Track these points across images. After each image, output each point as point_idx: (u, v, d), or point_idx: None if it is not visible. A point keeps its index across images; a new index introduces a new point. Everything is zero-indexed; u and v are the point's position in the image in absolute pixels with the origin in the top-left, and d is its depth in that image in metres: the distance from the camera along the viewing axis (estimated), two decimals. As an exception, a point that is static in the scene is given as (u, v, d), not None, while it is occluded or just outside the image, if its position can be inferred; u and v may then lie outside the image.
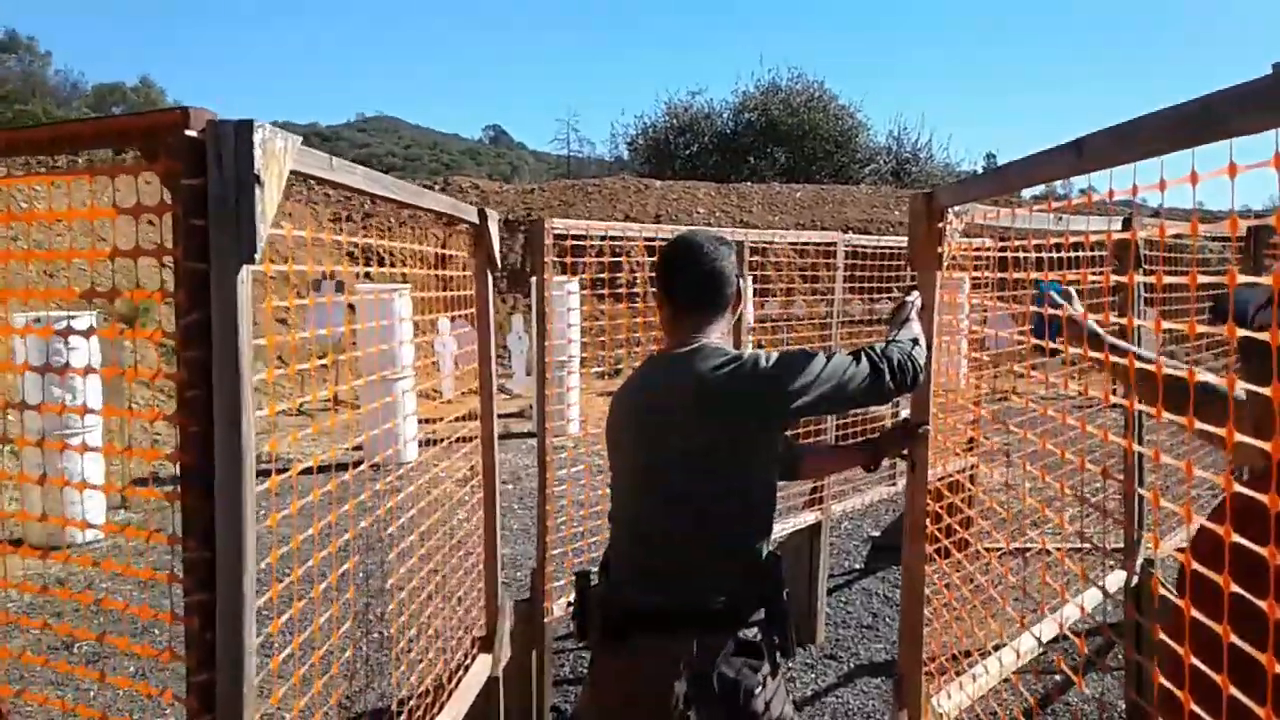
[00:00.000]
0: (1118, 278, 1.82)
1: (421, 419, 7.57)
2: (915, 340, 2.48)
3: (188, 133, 1.46)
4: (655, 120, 39.10)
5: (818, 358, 2.28)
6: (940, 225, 2.54)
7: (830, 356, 2.31)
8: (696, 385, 2.27)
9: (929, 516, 2.75)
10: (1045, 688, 4.71)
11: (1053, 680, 4.76)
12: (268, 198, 1.51)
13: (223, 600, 1.51)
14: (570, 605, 2.60)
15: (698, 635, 2.22)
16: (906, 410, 2.79)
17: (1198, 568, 1.25)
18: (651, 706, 2.21)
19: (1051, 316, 2.23)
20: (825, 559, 5.73)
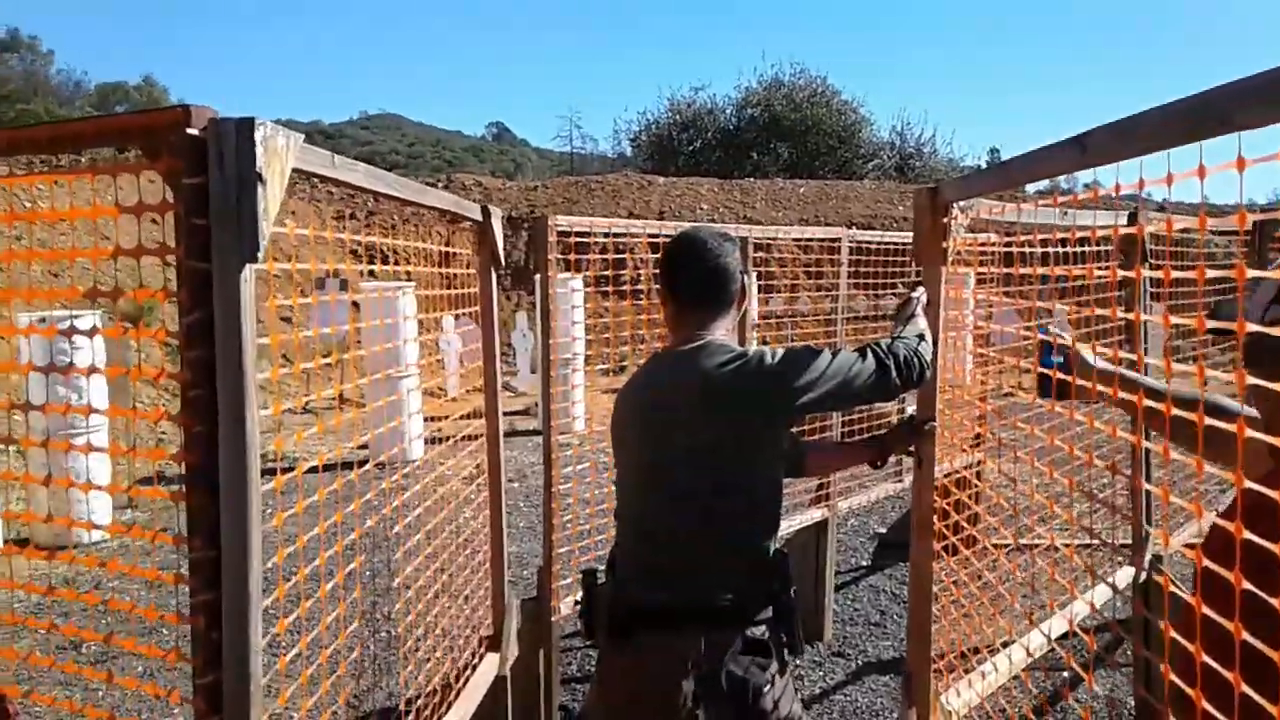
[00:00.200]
0: (1124, 273, 1.81)
1: (426, 417, 7.57)
2: (921, 336, 2.47)
3: (189, 131, 1.45)
4: (658, 116, 39.13)
5: (823, 354, 2.27)
6: (945, 220, 2.53)
7: (835, 353, 2.30)
8: (702, 382, 2.26)
9: (936, 513, 2.74)
10: (1054, 685, 4.70)
11: (1061, 677, 4.75)
12: (270, 196, 1.50)
13: (228, 600, 1.50)
14: (577, 604, 2.59)
15: (705, 633, 2.21)
16: (912, 407, 2.78)
17: (1210, 565, 1.24)
18: (658, 704, 2.20)
19: (1047, 348, 2.21)
20: (832, 556, 5.72)
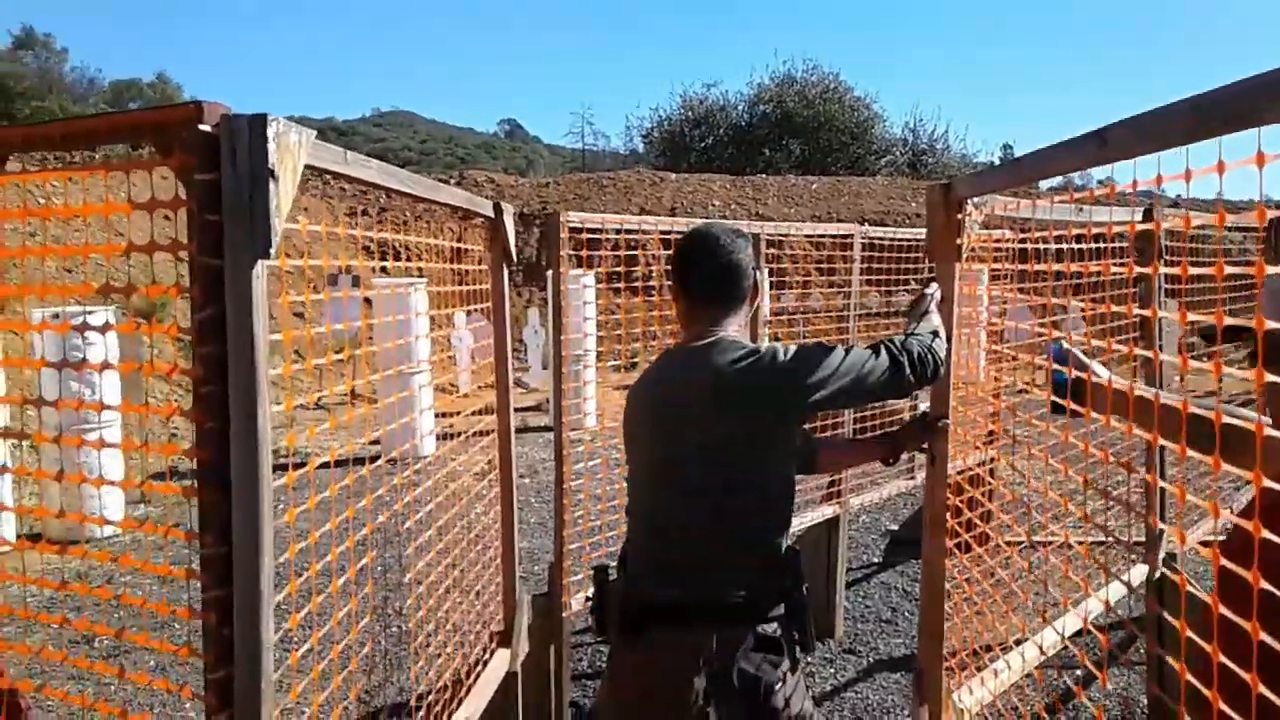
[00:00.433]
0: (1141, 269, 1.79)
1: (438, 413, 7.58)
2: (935, 333, 2.46)
3: (202, 128, 1.45)
4: (670, 113, 39.13)
5: (836, 351, 2.26)
6: (959, 216, 2.51)
7: (849, 350, 2.29)
8: (714, 379, 2.25)
9: (949, 510, 2.72)
10: (1067, 682, 4.68)
11: (1075, 674, 4.73)
12: (282, 192, 1.50)
13: (240, 596, 1.50)
14: (588, 600, 2.59)
15: (717, 630, 2.21)
16: (925, 404, 2.77)
17: (1230, 566, 1.23)
18: (670, 701, 2.20)
19: (1066, 367, 2.18)
20: (844, 553, 5.71)
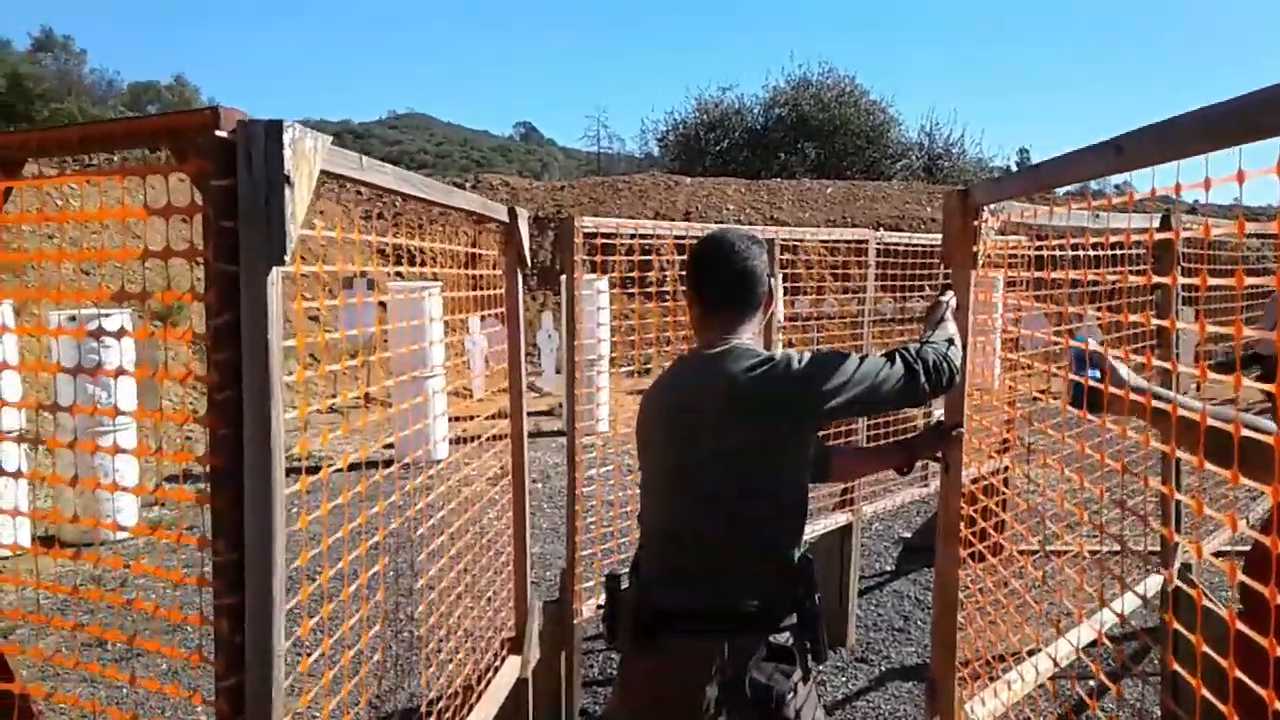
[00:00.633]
0: (1159, 278, 1.78)
1: (452, 417, 7.58)
2: (950, 340, 2.45)
3: (218, 133, 1.45)
4: (685, 116, 39.11)
5: (851, 359, 2.25)
6: (975, 223, 2.50)
7: (863, 358, 2.28)
8: (728, 386, 2.24)
9: (963, 519, 2.71)
10: (1080, 693, 4.65)
11: (1088, 686, 4.70)
12: (298, 198, 1.50)
13: (252, 603, 1.50)
14: (600, 607, 2.58)
15: (729, 638, 2.20)
16: (939, 412, 2.75)
17: (1246, 580, 1.21)
18: (682, 709, 2.19)
19: (1082, 360, 2.16)
20: (856, 561, 5.69)
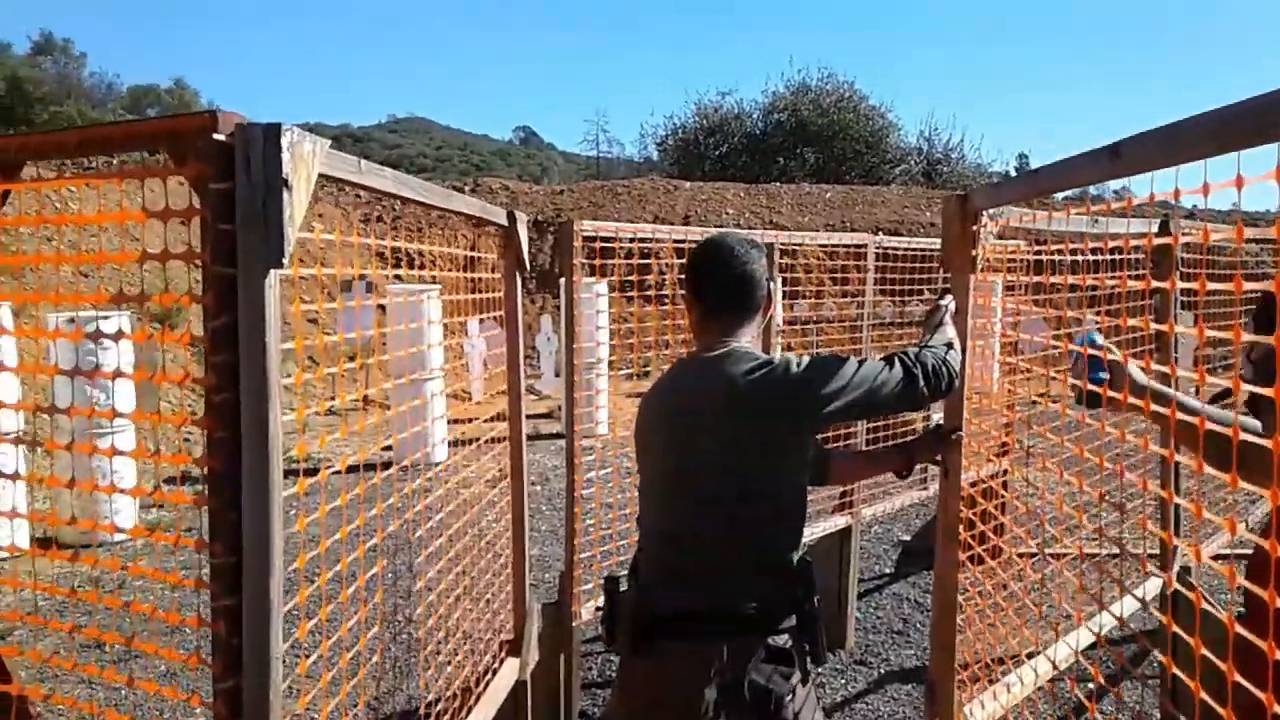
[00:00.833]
0: (1158, 283, 1.78)
1: (451, 420, 7.58)
2: (949, 345, 2.45)
3: (216, 136, 1.45)
4: (685, 121, 39.04)
5: (849, 362, 2.26)
6: (974, 228, 2.50)
7: (862, 361, 2.29)
8: (727, 389, 2.25)
9: (962, 522, 2.71)
10: (1079, 696, 4.64)
11: (1087, 688, 4.69)
12: (296, 201, 1.50)
13: (249, 606, 1.50)
14: (599, 609, 2.58)
15: (728, 640, 2.20)
16: (939, 415, 2.75)
17: (1246, 584, 1.21)
18: (681, 711, 2.19)
19: (1094, 361, 2.16)
20: (855, 563, 5.69)
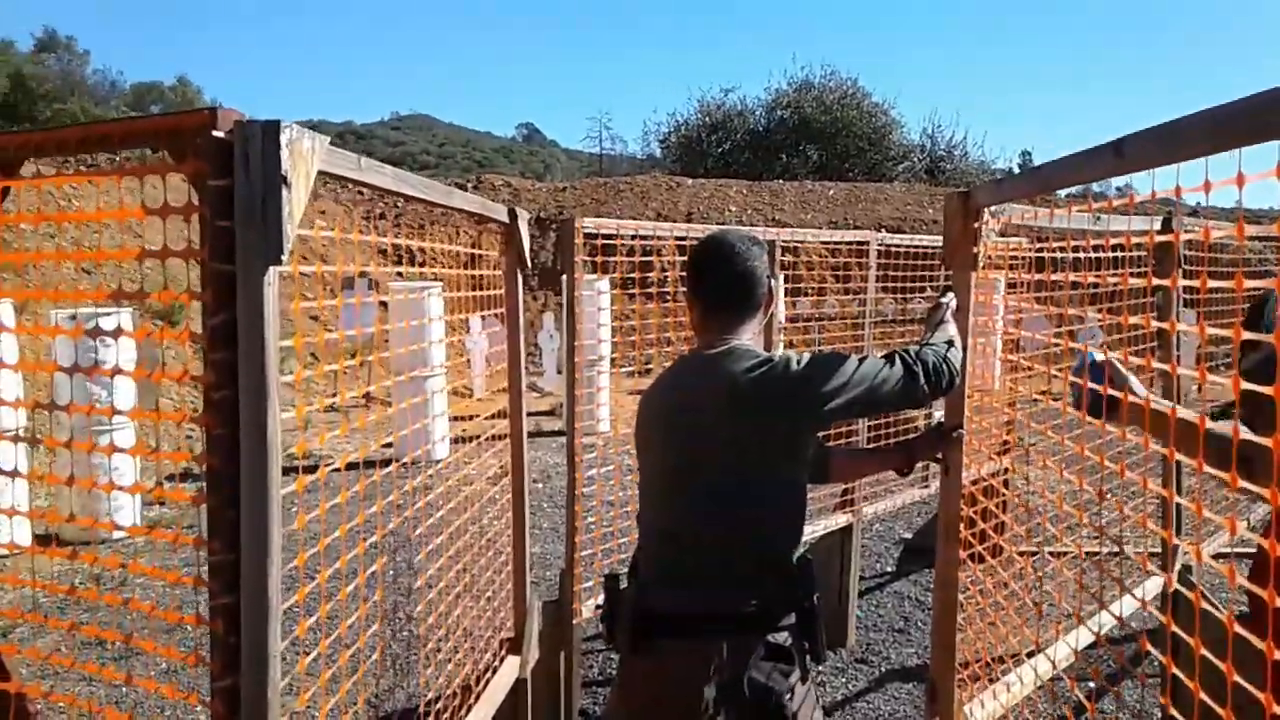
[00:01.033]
0: (1159, 281, 1.78)
1: (453, 417, 7.57)
2: (950, 342, 2.44)
3: (215, 133, 1.45)
4: (687, 118, 38.99)
5: (850, 360, 2.25)
6: (976, 225, 2.50)
7: (863, 359, 2.28)
8: (728, 386, 2.24)
9: (962, 521, 2.71)
10: (1080, 695, 4.64)
11: (1088, 687, 4.69)
12: (295, 199, 1.50)
13: (247, 604, 1.50)
14: (599, 607, 2.58)
15: (727, 638, 2.20)
16: (940, 413, 2.75)
17: (1247, 585, 1.21)
18: (680, 710, 2.19)
19: (1095, 368, 2.14)
20: (857, 561, 5.69)
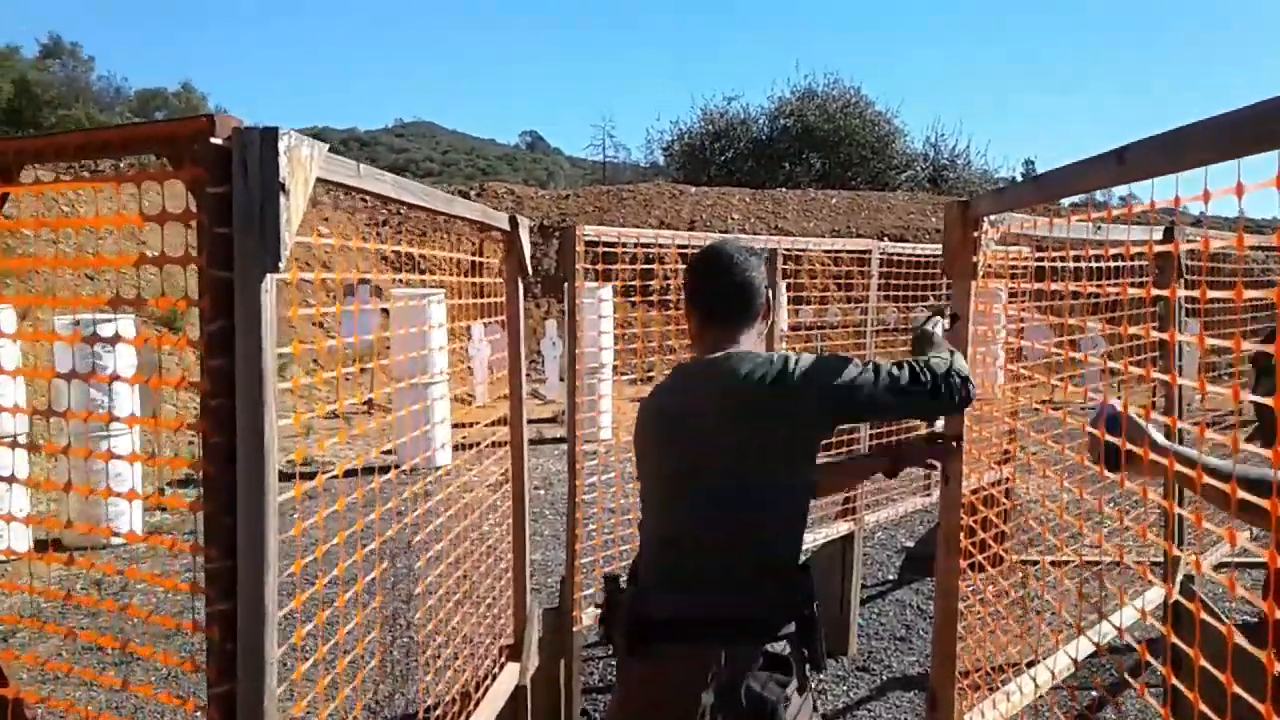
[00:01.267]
0: (1159, 291, 1.77)
1: (454, 424, 7.57)
2: (953, 352, 2.42)
3: (213, 141, 1.45)
4: (691, 126, 38.98)
5: (854, 363, 2.24)
6: (975, 234, 2.49)
7: (869, 363, 2.25)
8: (727, 389, 2.24)
9: (963, 530, 2.70)
10: (1080, 705, 4.63)
11: (1090, 696, 4.68)
12: (293, 206, 1.50)
13: (243, 612, 1.50)
14: (599, 607, 2.59)
15: (725, 646, 2.19)
16: (940, 422, 2.74)
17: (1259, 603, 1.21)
18: (678, 714, 2.18)
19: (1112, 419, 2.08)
20: (858, 569, 5.67)
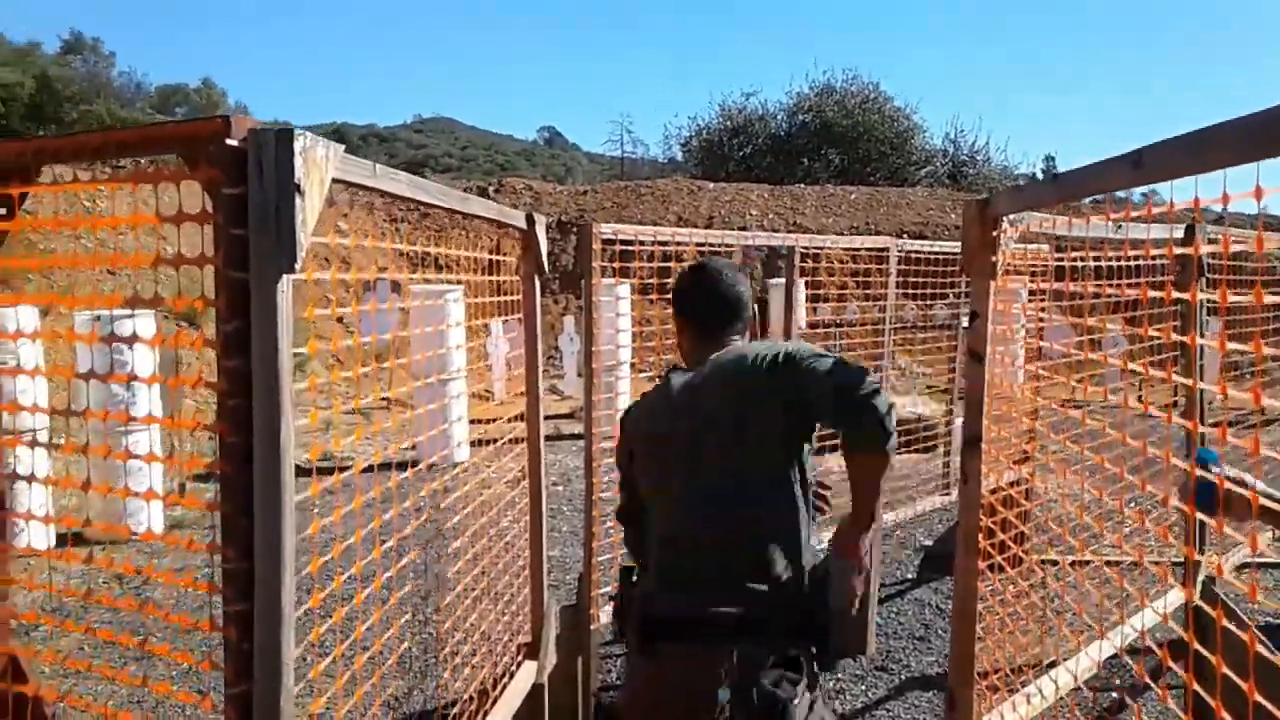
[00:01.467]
0: (1179, 294, 1.76)
1: (473, 420, 7.58)
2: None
3: (229, 141, 1.45)
4: (709, 122, 38.87)
5: (831, 355, 2.28)
6: (994, 233, 2.48)
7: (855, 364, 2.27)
8: (726, 378, 2.32)
9: (982, 531, 2.69)
10: (1100, 707, 4.60)
11: (1110, 697, 4.65)
12: (309, 206, 1.50)
13: (260, 612, 1.50)
14: (613, 598, 2.62)
15: (737, 645, 2.20)
16: (959, 421, 2.73)
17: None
18: (679, 713, 2.22)
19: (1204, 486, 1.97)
20: (877, 568, 5.64)
